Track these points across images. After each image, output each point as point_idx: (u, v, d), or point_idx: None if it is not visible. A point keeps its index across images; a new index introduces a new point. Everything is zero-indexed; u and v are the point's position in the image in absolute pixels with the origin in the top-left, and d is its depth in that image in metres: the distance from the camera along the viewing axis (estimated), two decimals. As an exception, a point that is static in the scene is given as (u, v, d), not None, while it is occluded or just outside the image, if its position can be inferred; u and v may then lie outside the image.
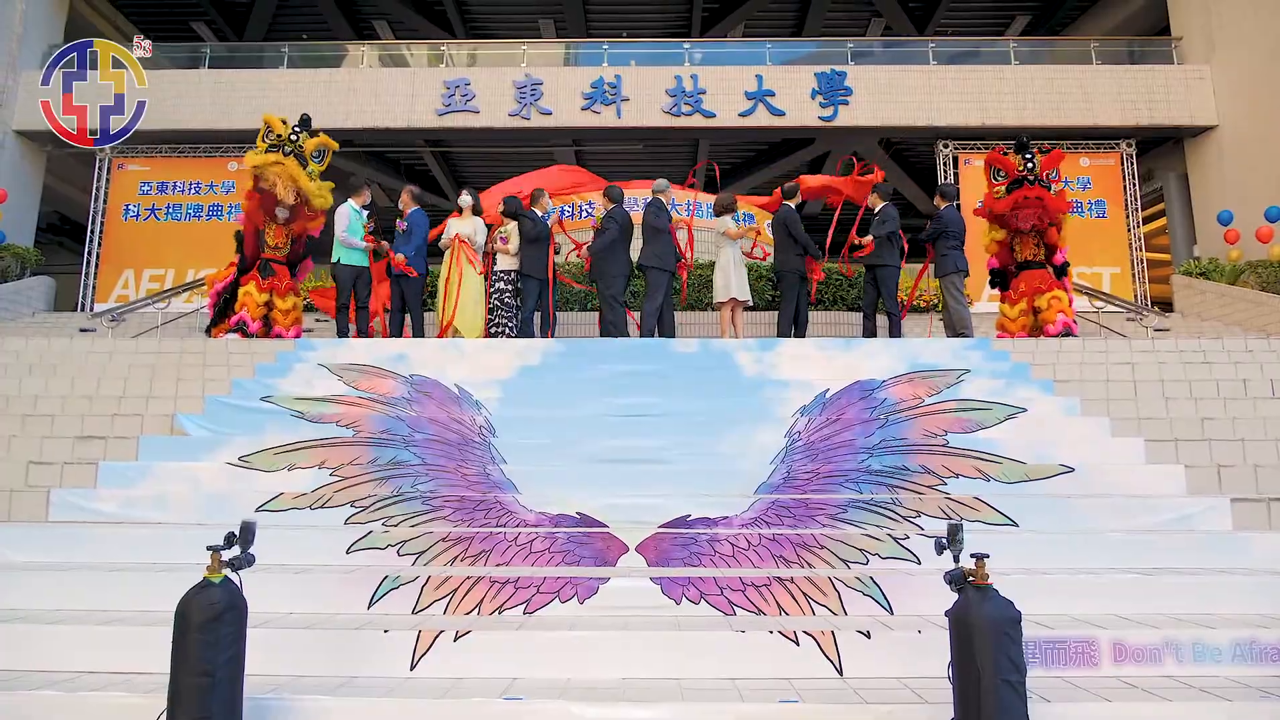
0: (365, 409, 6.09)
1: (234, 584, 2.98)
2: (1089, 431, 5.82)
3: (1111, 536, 4.53)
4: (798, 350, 7.32)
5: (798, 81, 14.32)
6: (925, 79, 14.41)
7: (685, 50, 15.17)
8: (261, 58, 15.62)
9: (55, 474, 5.16)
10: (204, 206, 14.23)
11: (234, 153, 13.96)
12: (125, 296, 13.56)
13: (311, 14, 17.59)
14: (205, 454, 5.49)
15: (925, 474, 5.12)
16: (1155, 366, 7.12)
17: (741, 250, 8.77)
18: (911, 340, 8.26)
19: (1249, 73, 13.32)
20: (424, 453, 5.41)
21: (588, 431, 5.81)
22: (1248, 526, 4.74)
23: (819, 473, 5.14)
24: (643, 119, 14.18)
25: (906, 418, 5.89)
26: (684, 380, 6.72)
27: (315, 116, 11.68)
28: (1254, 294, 11.82)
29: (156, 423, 5.93)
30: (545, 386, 6.62)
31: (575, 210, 11.82)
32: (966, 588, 2.95)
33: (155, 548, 4.45)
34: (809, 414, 6.00)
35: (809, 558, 4.29)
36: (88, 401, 6.38)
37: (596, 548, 4.35)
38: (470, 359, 7.14)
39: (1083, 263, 13.39)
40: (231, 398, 6.41)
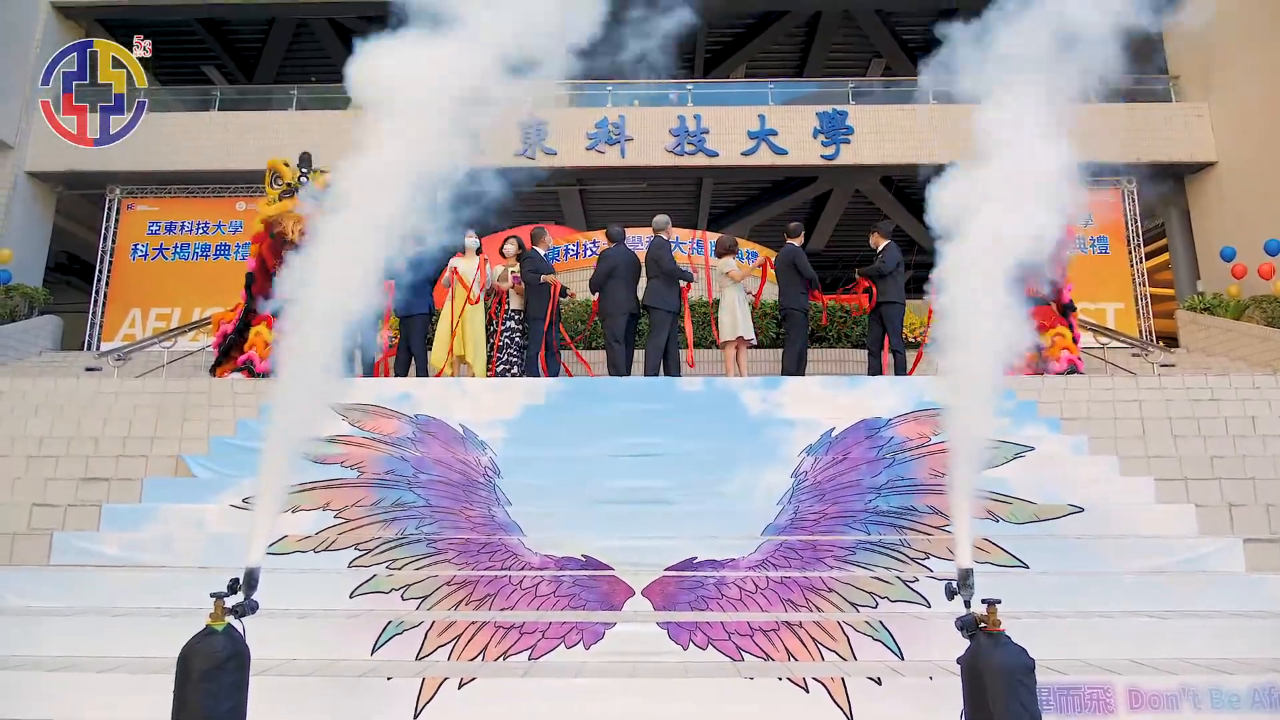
0: (370, 449, 6.08)
1: (237, 632, 2.95)
2: (1098, 470, 5.78)
3: (1124, 578, 4.47)
4: (802, 389, 7.30)
5: (800, 121, 14.47)
6: (926, 117, 14.56)
7: (688, 91, 15.36)
8: (270, 100, 15.86)
9: (59, 516, 5.15)
10: (211, 246, 14.36)
11: (242, 192, 14.13)
12: (132, 335, 13.63)
13: (320, 57, 17.88)
14: (210, 495, 5.47)
15: (933, 514, 5.08)
16: (1163, 404, 7.09)
17: (745, 290, 8.80)
18: (917, 378, 8.24)
19: (1246, 110, 13.44)
20: (428, 494, 5.38)
21: (593, 472, 5.79)
22: (1261, 568, 4.68)
23: (826, 514, 5.11)
24: (646, 159, 14.32)
25: (913, 457, 5.86)
26: (689, 419, 6.70)
27: (322, 156, 11.83)
28: (1259, 329, 11.81)
29: (161, 464, 5.93)
30: (550, 426, 6.60)
31: (580, 249, 11.89)
32: (978, 634, 2.90)
33: (159, 591, 4.42)
34: (815, 453, 5.97)
35: (817, 601, 4.24)
36: (93, 442, 6.37)
37: (602, 591, 4.31)
38: (475, 398, 7.13)
39: (1086, 298, 13.41)
40: (236, 438, 6.40)
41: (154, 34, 15.51)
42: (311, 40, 17.45)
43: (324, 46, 17.45)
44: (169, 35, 16.12)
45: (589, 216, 18.17)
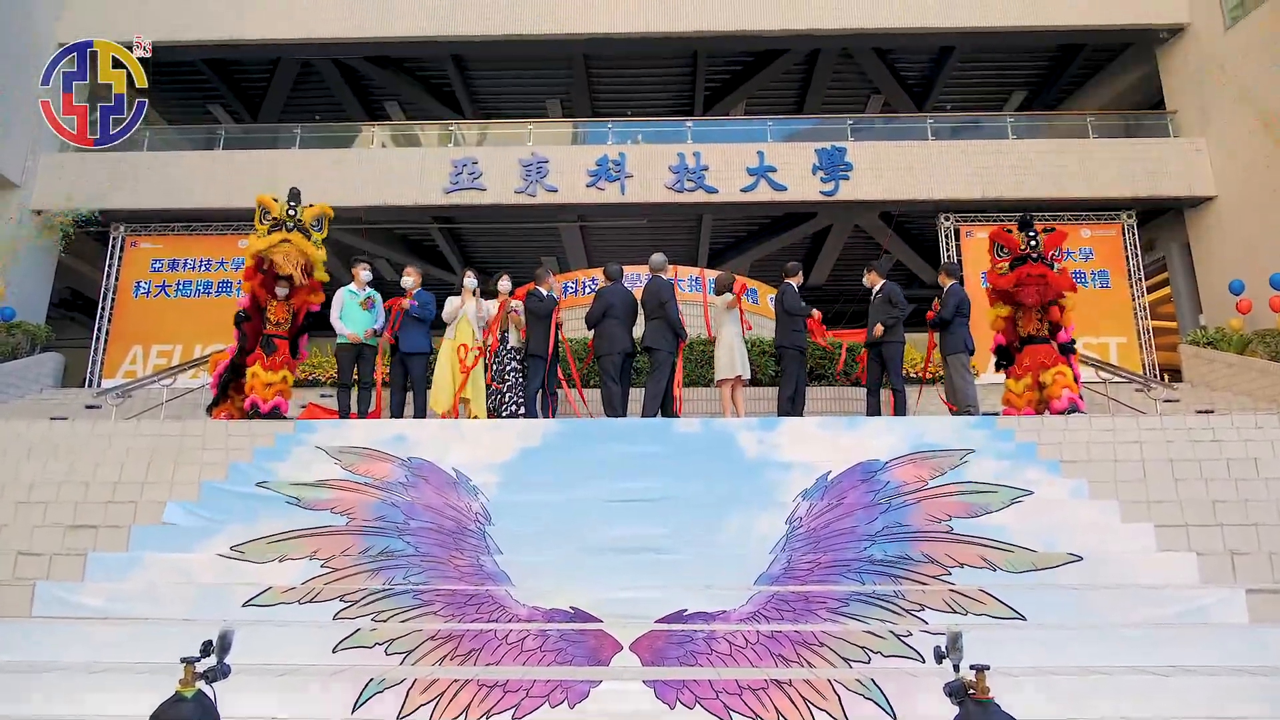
0: (360, 495, 6.02)
1: (207, 699, 2.88)
2: (1097, 516, 5.69)
3: (1123, 631, 4.37)
4: (800, 430, 7.24)
5: (799, 157, 14.56)
6: (925, 153, 14.64)
7: (688, 128, 15.48)
8: (275, 138, 16.05)
9: (43, 565, 5.09)
10: (213, 283, 14.44)
11: (244, 230, 14.23)
12: (133, 372, 13.66)
13: (324, 96, 18.11)
14: (198, 543, 5.41)
15: (929, 563, 4.99)
16: (1164, 445, 7.00)
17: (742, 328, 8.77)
18: (916, 418, 8.19)
19: (1243, 144, 13.47)
20: (418, 542, 5.32)
21: (586, 517, 5.72)
22: (1265, 619, 4.57)
23: (820, 562, 5.02)
24: (646, 195, 14.41)
25: (909, 502, 5.77)
26: (685, 462, 6.64)
27: (326, 195, 11.96)
28: (1262, 363, 11.75)
29: (150, 510, 5.87)
30: (544, 469, 6.54)
31: (579, 286, 11.90)
32: (967, 701, 2.82)
33: (140, 646, 4.34)
34: (810, 498, 5.90)
35: (809, 656, 4.14)
36: (83, 487, 6.33)
37: (589, 646, 4.22)
38: (471, 440, 7.09)
39: (1089, 333, 13.38)
40: (227, 483, 6.36)
41: (161, 74, 15.80)
42: (316, 79, 17.68)
43: (328, 85, 17.68)
44: (176, 75, 16.34)
45: (590, 252, 18.25)
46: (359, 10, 15.17)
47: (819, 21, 14.90)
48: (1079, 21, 14.89)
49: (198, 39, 15.10)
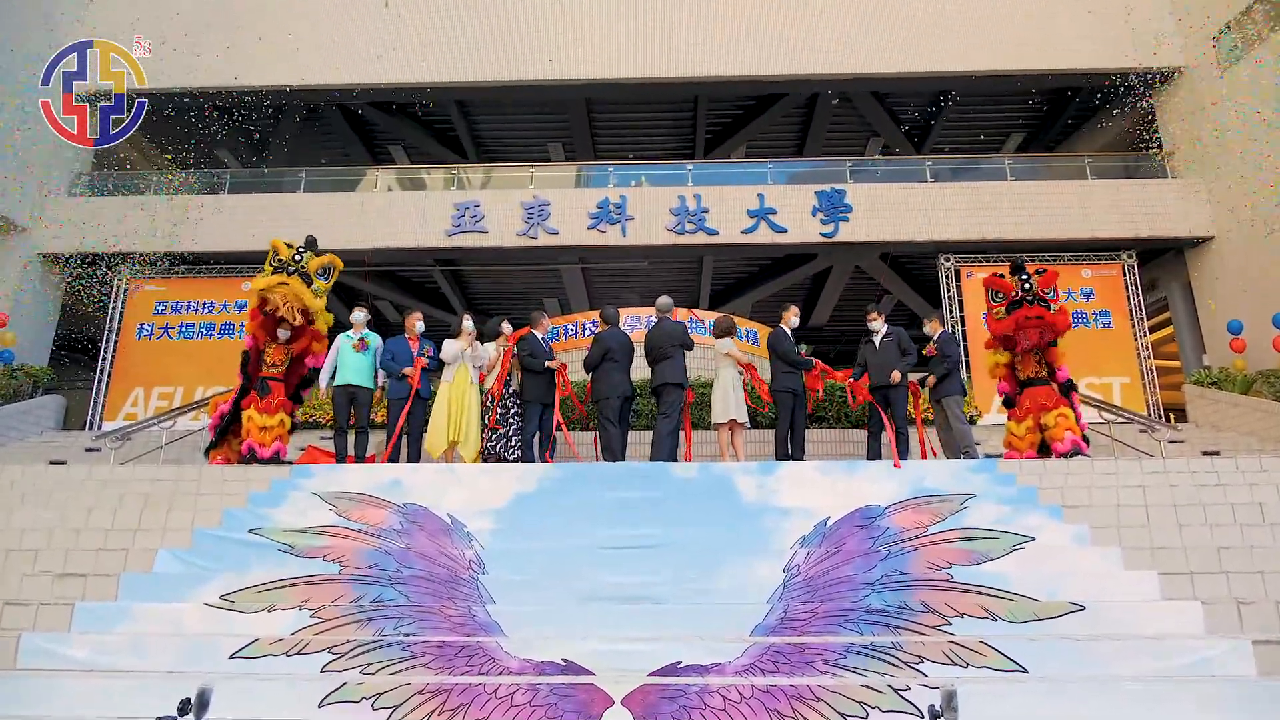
0: (353, 541, 5.97)
1: (183, 760, 2.82)
2: (1100, 563, 5.60)
3: (1127, 685, 4.27)
4: (799, 474, 7.17)
5: (799, 199, 14.65)
6: (924, 195, 14.72)
7: (688, 171, 15.62)
8: (281, 182, 16.22)
9: (30, 615, 5.02)
10: (216, 325, 14.48)
11: (249, 273, 14.35)
12: (134, 415, 13.65)
13: (330, 140, 18.36)
14: (188, 592, 5.35)
15: (928, 613, 4.90)
16: (1167, 489, 6.90)
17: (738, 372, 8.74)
18: (917, 462, 8.11)
19: (1240, 185, 13.52)
20: (410, 590, 5.25)
21: (581, 565, 5.65)
22: (1272, 672, 4.46)
23: (817, 613, 4.94)
24: (647, 238, 14.48)
25: (909, 549, 5.70)
26: (683, 508, 6.58)
27: (330, 237, 12.05)
28: (1267, 404, 11.66)
29: (141, 558, 5.82)
30: (540, 515, 6.49)
31: (579, 329, 11.92)
32: (962, 764, 2.75)
33: (124, 700, 4.27)
34: (809, 545, 5.82)
35: (805, 711, 4.05)
36: (74, 534, 6.28)
37: (580, 700, 4.14)
38: (467, 485, 7.04)
39: (1091, 373, 13.33)
40: (220, 530, 6.31)
41: (168, 117, 16.07)
42: (321, 123, 17.95)
43: (333, 129, 17.93)
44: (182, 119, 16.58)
45: (591, 293, 18.32)
46: (360, 57, 15.43)
47: (817, 67, 15.10)
48: (1074, 65, 15.08)
49: (202, 85, 15.35)
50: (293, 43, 15.61)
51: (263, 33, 15.70)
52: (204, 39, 15.45)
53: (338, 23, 15.77)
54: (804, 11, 15.50)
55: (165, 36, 14.93)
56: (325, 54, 15.51)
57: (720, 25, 15.48)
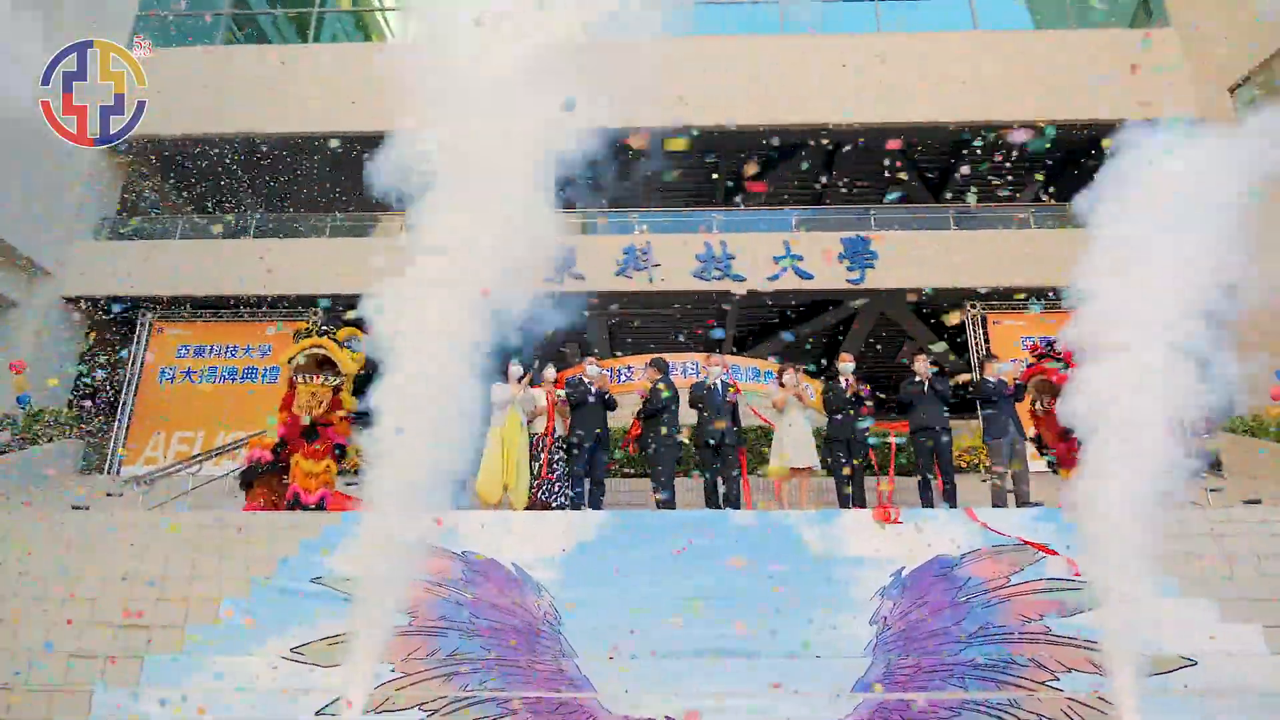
0: (421, 592, 5.78)
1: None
2: (1195, 615, 5.44)
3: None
4: (861, 523, 7.02)
5: (824, 246, 14.69)
6: (948, 241, 14.78)
7: (714, 218, 15.69)
8: (303, 227, 16.22)
9: (98, 668, 4.82)
10: (238, 369, 14.35)
11: (273, 317, 14.27)
12: (154, 459, 13.44)
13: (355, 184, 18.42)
14: (256, 645, 5.16)
15: (1035, 667, 4.74)
16: (1239, 539, 6.77)
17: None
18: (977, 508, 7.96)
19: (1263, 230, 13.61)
20: (489, 643, 5.07)
21: (658, 617, 5.48)
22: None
23: (920, 666, 4.77)
24: (673, 284, 14.48)
25: (996, 600, 5.54)
26: (750, 557, 6.39)
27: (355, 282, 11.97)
28: (1303, 452, 11.57)
29: (202, 608, 5.62)
30: (606, 565, 6.29)
31: (615, 374, 11.84)
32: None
33: (205, 759, 4.07)
34: (890, 596, 5.66)
35: (929, 772, 3.87)
36: (126, 584, 6.06)
37: (693, 761, 3.95)
38: (520, 532, 6.83)
39: (1123, 421, 13.23)
40: (277, 578, 6.11)
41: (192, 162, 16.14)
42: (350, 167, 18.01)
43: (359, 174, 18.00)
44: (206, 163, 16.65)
45: (613, 339, 18.26)
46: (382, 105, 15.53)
47: (837, 117, 15.28)
48: (1090, 115, 15.25)
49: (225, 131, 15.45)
50: (318, 89, 15.77)
51: (290, 78, 15.88)
52: (228, 85, 15.60)
53: (347, 68, 15.92)
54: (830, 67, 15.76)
55: (190, 80, 15.09)
56: (347, 100, 15.59)
57: (736, 75, 15.68)
